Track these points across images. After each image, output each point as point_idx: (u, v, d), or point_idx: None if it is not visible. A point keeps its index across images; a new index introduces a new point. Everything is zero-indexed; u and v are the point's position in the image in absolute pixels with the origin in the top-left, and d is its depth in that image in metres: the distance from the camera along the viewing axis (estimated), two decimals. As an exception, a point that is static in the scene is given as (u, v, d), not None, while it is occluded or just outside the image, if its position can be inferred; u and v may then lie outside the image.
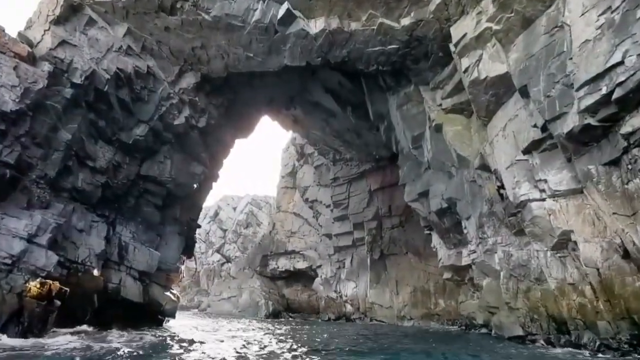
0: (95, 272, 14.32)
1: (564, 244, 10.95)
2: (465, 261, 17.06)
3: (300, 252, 37.80)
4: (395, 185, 29.94)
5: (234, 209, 60.76)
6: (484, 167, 14.14)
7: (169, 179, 17.33)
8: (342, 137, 27.07)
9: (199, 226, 22.63)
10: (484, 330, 17.37)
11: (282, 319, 32.65)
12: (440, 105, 15.41)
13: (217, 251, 56.86)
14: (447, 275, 19.79)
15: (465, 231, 15.25)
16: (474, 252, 14.91)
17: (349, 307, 31.44)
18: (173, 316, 20.07)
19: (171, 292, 20.21)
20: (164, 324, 19.17)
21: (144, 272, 16.73)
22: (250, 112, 21.46)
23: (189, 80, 15.71)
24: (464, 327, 19.61)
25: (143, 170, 16.61)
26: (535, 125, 10.64)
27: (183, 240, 20.36)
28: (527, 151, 11.21)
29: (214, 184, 23.47)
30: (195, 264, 57.55)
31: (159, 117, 15.47)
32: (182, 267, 21.90)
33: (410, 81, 16.30)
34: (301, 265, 38.01)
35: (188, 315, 35.85)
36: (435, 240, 20.33)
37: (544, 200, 10.89)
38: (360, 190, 31.29)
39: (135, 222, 16.94)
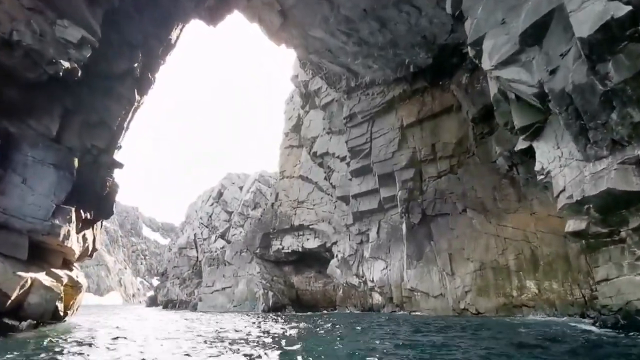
0: None
1: None
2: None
3: (310, 227, 28.03)
4: (439, 115, 19.72)
5: (240, 188, 51.61)
6: None
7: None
8: (357, 32, 16.97)
9: (120, 165, 13.17)
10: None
11: (286, 314, 22.98)
12: None
13: (222, 237, 47.89)
14: (574, 225, 9.44)
15: None
16: None
17: (376, 297, 21.46)
18: (50, 316, 10.70)
19: (51, 273, 10.82)
20: (16, 332, 9.81)
21: None
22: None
23: None
24: (621, 329, 9.26)
25: None
26: None
27: (69, 179, 10.88)
28: None
29: (144, 98, 13.98)
30: (197, 251, 48.83)
31: None
32: (85, 234, 12.55)
33: None
34: (311, 243, 28.26)
35: (155, 312, 26.77)
36: (546, 155, 9.98)
37: None
38: (387, 128, 21.16)
39: None
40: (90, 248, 12.82)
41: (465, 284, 16.37)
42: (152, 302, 51.31)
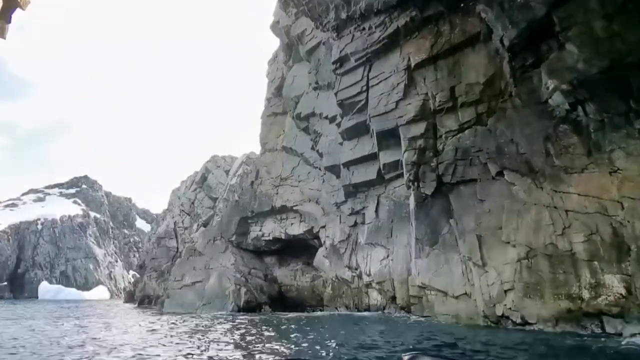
0: None
1: None
2: None
3: (294, 208, 22.68)
4: (461, 49, 14.20)
5: (227, 172, 46.31)
6: None
7: None
8: None
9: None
10: None
11: (259, 315, 17.60)
12: None
13: (204, 225, 42.65)
14: None
15: None
16: None
17: (374, 295, 16.18)
18: None
19: None
20: None
21: None
22: None
23: None
24: None
25: None
26: None
27: None
28: None
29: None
30: (177, 241, 43.61)
31: None
32: None
33: None
34: (296, 229, 22.92)
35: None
36: None
37: None
38: (389, 71, 15.67)
39: None
40: None
41: (503, 280, 10.97)
42: (130, 297, 46.30)
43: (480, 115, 13.17)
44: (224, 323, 13.80)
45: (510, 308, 10.68)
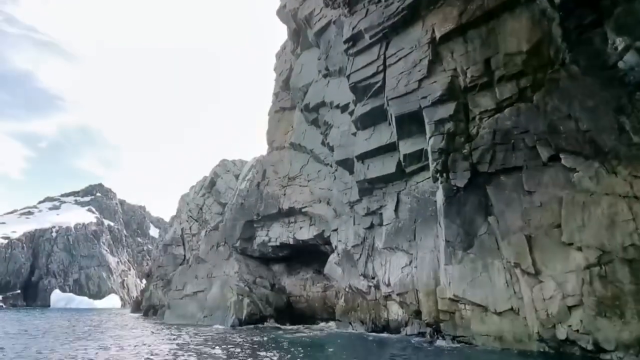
0: None
1: None
2: None
3: (303, 210, 20.38)
4: (496, 15, 11.83)
5: (236, 177, 44.38)
6: None
7: None
8: None
9: None
10: None
11: (264, 332, 15.17)
12: None
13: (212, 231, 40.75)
14: None
15: None
16: None
17: (394, 310, 13.68)
18: None
19: None
20: None
21: None
22: None
23: None
24: None
25: None
26: None
27: None
28: None
29: None
30: (184, 249, 41.64)
31: None
32: None
33: None
34: (305, 233, 20.60)
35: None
36: None
37: None
38: (409, 47, 13.34)
39: None
40: None
41: (566, 293, 8.40)
42: (136, 307, 44.47)
43: (523, 90, 10.73)
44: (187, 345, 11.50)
45: (577, 330, 8.11)
